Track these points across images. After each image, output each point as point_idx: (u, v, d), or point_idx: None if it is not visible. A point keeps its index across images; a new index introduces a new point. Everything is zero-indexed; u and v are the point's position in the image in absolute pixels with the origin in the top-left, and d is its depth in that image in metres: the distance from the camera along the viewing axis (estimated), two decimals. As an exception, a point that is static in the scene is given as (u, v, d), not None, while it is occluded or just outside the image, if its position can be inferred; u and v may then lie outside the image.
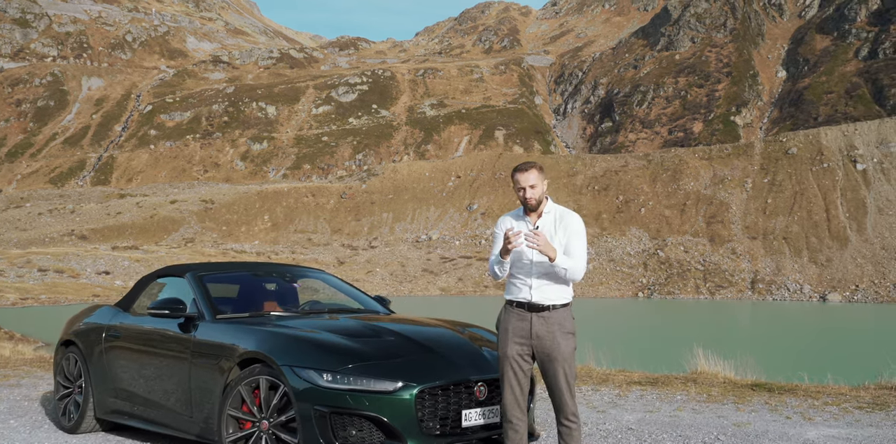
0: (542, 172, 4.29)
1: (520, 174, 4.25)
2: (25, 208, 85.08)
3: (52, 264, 56.05)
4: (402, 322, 5.36)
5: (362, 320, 5.31)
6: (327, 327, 5.00)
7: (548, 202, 4.33)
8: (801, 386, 7.53)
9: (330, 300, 6.25)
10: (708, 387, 7.61)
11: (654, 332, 30.55)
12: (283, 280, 6.19)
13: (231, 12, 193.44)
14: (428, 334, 5.02)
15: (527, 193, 4.25)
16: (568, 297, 4.28)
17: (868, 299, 52.49)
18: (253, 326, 4.99)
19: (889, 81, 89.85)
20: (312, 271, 6.70)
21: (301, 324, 5.03)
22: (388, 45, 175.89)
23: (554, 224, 4.28)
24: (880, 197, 61.25)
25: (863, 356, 19.57)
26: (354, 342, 4.64)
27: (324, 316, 5.52)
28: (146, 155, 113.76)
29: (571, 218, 4.30)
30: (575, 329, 4.26)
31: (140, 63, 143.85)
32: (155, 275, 6.22)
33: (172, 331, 5.36)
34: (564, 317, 4.23)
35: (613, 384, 8.03)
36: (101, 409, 5.99)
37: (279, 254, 69.07)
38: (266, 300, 5.92)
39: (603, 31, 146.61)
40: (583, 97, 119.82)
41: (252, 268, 6.63)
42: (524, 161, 4.42)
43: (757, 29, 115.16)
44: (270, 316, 5.40)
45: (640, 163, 74.63)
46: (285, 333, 4.76)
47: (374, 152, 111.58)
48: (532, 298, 4.21)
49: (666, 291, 58.00)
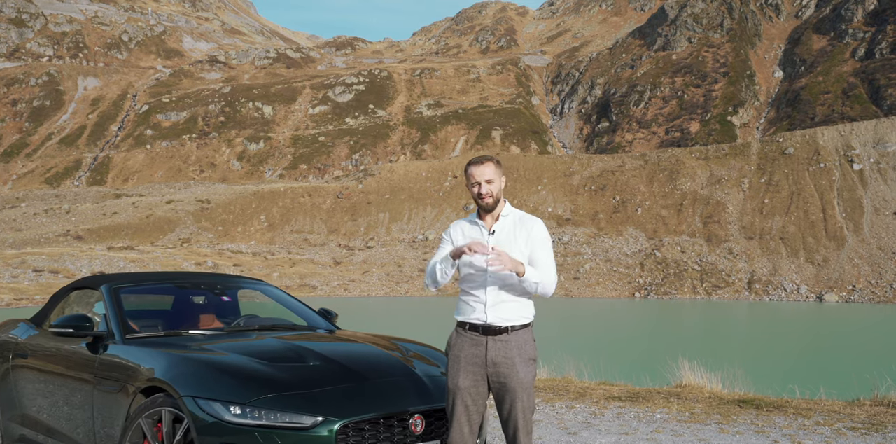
0: (500, 167, 3.79)
1: (474, 167, 3.74)
2: (21, 208, 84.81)
3: (47, 264, 55.85)
4: (335, 342, 4.79)
5: (291, 340, 4.65)
6: (246, 349, 4.35)
7: (506, 205, 3.81)
8: (792, 402, 7.00)
9: (270, 315, 5.62)
10: (691, 403, 7.05)
11: (643, 336, 30.08)
12: (213, 293, 5.55)
13: (227, 12, 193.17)
14: (361, 357, 4.41)
15: (482, 189, 3.71)
16: (529, 316, 3.72)
17: (865, 300, 52.47)
18: (163, 348, 4.37)
19: (886, 81, 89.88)
20: (252, 281, 6.00)
21: (218, 346, 4.42)
22: (385, 44, 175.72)
23: (513, 229, 3.73)
24: (877, 197, 61.24)
25: (858, 364, 18.77)
26: (272, 368, 4.00)
27: (250, 335, 4.85)
28: (142, 155, 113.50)
29: (534, 223, 3.75)
30: (536, 354, 3.73)
31: (136, 63, 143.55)
32: (71, 287, 5.61)
33: (80, 351, 4.74)
34: (525, 340, 3.68)
35: (591, 399, 7.48)
36: (8, 437, 5.44)
37: (275, 254, 68.90)
38: (192, 316, 5.33)
39: (600, 31, 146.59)
40: (580, 97, 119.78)
41: (180, 279, 5.91)
42: (479, 155, 3.72)
43: (754, 29, 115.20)
44: (188, 336, 4.77)
45: (637, 163, 74.57)
46: (194, 357, 4.13)
47: (371, 152, 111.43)
48: (487, 318, 3.65)
49: (662, 291, 57.93)
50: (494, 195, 3.72)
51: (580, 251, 64.85)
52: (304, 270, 64.38)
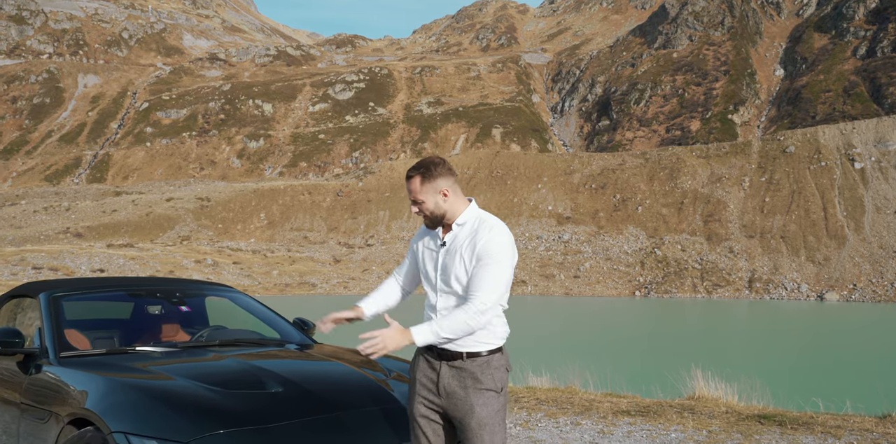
0: (433, 178, 3.07)
1: (407, 182, 3.17)
2: (20, 206, 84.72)
3: (46, 261, 55.76)
4: (305, 361, 4.16)
5: (253, 359, 3.97)
6: (197, 372, 3.69)
7: (467, 210, 3.12)
8: (818, 418, 6.27)
9: (243, 325, 5.00)
10: (707, 419, 6.39)
11: (647, 338, 29.54)
12: (170, 302, 4.87)
13: (228, 10, 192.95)
14: (333, 380, 3.72)
15: (413, 207, 3.15)
16: (492, 341, 3.03)
17: (865, 299, 52.36)
18: (101, 370, 3.68)
19: (887, 79, 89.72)
20: (219, 289, 5.31)
21: (166, 368, 3.77)
22: (386, 42, 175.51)
23: (464, 241, 3.06)
24: (878, 196, 61.11)
25: (880, 371, 17.73)
26: (224, 397, 3.33)
27: (206, 354, 4.12)
28: (142, 153, 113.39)
29: (486, 235, 3.01)
30: (503, 384, 3.06)
31: (136, 60, 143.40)
32: (8, 296, 4.99)
33: (12, 369, 4.12)
34: (483, 368, 3.00)
35: (598, 413, 6.80)
36: None
37: (275, 252, 68.80)
38: (150, 328, 4.74)
39: (600, 30, 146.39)
40: (580, 95, 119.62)
41: (133, 286, 5.20)
42: (415, 162, 3.24)
43: (755, 27, 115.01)
44: (135, 353, 4.09)
45: (638, 161, 74.44)
46: (133, 383, 3.46)
47: (371, 150, 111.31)
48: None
49: (663, 290, 57.82)
50: (430, 213, 3.10)
51: (580, 250, 64.74)
52: (304, 268, 64.29)
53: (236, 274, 60.17)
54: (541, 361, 10.33)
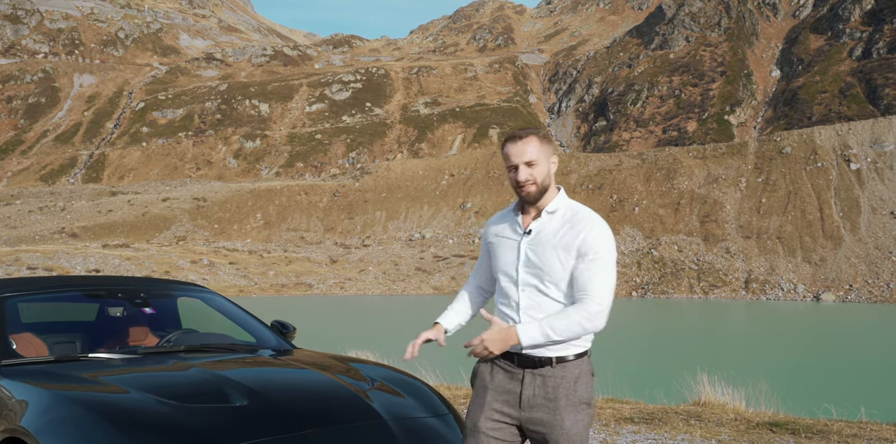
0: (548, 143, 2.71)
1: (511, 145, 2.68)
2: (15, 206, 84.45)
3: (41, 261, 55.58)
4: (278, 369, 3.73)
5: (218, 368, 3.51)
6: (154, 383, 3.26)
7: (559, 194, 2.73)
8: (832, 426, 5.91)
9: (219, 329, 4.58)
10: (716, 427, 6.05)
11: (647, 339, 29.33)
12: (132, 304, 4.43)
13: (225, 9, 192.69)
14: (307, 392, 3.31)
15: (520, 174, 2.66)
16: (582, 342, 2.70)
17: (862, 299, 52.42)
18: (45, 380, 3.26)
19: (883, 80, 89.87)
20: (189, 288, 4.83)
21: (119, 379, 3.32)
22: (383, 42, 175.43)
23: (559, 231, 2.66)
24: (874, 197, 61.19)
25: (892, 374, 17.42)
26: (181, 412, 2.89)
27: (169, 360, 3.67)
28: (138, 152, 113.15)
29: (590, 226, 2.65)
30: (593, 394, 2.71)
31: (132, 60, 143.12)
32: None
33: None
34: (577, 376, 2.64)
35: (599, 421, 6.45)
36: None
37: (271, 252, 68.68)
38: (114, 332, 4.33)
39: (597, 30, 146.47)
40: (577, 96, 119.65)
41: (92, 286, 4.68)
42: (521, 127, 2.84)
43: (751, 28, 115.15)
44: (87, 361, 3.64)
45: (635, 162, 74.47)
46: (77, 397, 2.99)
47: (368, 150, 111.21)
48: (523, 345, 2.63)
49: (660, 290, 57.84)
50: (539, 182, 2.66)
51: (577, 250, 64.75)
52: (301, 268, 64.17)
53: (232, 274, 60.03)
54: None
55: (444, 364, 8.01)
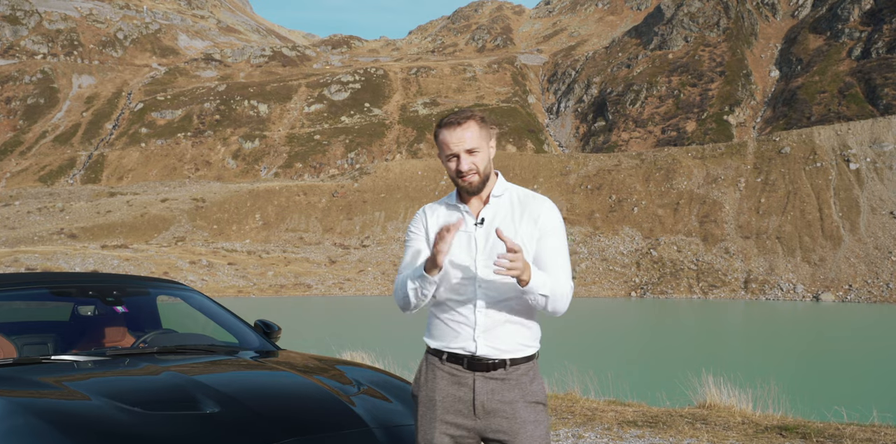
0: (487, 127, 2.54)
1: (448, 132, 2.46)
2: (14, 207, 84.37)
3: (39, 262, 55.50)
4: (256, 372, 3.45)
5: (194, 370, 3.29)
6: (120, 387, 3.02)
7: (499, 180, 2.55)
8: (845, 430, 5.68)
9: (202, 330, 4.31)
10: (723, 431, 5.79)
11: (647, 340, 28.95)
12: (105, 302, 4.14)
13: (223, 10, 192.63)
14: (285, 398, 3.03)
15: (461, 163, 2.44)
16: (535, 343, 2.53)
17: (861, 299, 52.38)
18: (1, 385, 2.97)
19: (882, 80, 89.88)
20: (168, 286, 4.52)
21: (81, 385, 3.02)
22: (381, 43, 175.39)
23: (511, 215, 2.48)
24: (873, 196, 61.16)
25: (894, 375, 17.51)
26: (145, 421, 2.63)
27: (140, 363, 3.36)
28: (137, 153, 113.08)
29: (540, 206, 2.50)
30: (545, 397, 2.55)
31: (131, 61, 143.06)
32: None
33: None
34: (531, 377, 2.49)
35: (602, 425, 6.14)
36: None
37: (270, 253, 68.62)
38: (86, 333, 4.03)
39: (596, 30, 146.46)
40: (576, 96, 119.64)
41: (60, 283, 4.35)
42: (453, 112, 2.58)
43: (750, 28, 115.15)
44: (50, 364, 3.37)
45: (633, 162, 74.43)
46: (34, 404, 2.74)
47: (367, 151, 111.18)
48: (477, 348, 2.43)
49: (659, 290, 57.80)
50: (481, 171, 2.46)
51: (576, 250, 64.68)
52: (299, 268, 64.11)
53: (231, 275, 59.97)
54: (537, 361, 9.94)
55: None
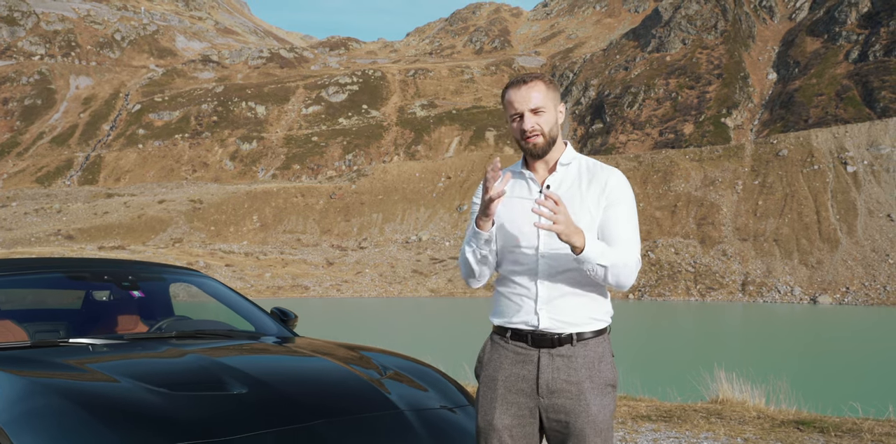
0: (555, 89, 2.40)
1: (514, 91, 2.36)
2: (11, 208, 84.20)
3: (36, 264, 55.38)
4: (281, 357, 3.39)
5: (215, 354, 3.20)
6: (145, 369, 2.95)
7: (567, 148, 2.44)
8: (862, 424, 5.60)
9: (213, 317, 4.21)
10: (739, 425, 5.73)
11: (651, 343, 29.00)
12: (120, 287, 4.03)
13: (221, 12, 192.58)
14: (313, 380, 3.00)
15: (525, 123, 2.34)
16: (605, 317, 2.42)
17: (858, 302, 52.43)
18: (19, 367, 2.87)
19: (879, 83, 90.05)
20: (183, 272, 4.43)
21: (106, 366, 2.94)
22: (379, 45, 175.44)
23: (578, 183, 2.38)
24: (871, 199, 61.26)
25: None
26: (174, 402, 2.55)
27: (161, 346, 3.32)
28: (134, 154, 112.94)
29: (609, 174, 2.39)
30: (617, 378, 2.42)
31: (129, 62, 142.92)
32: None
33: None
34: (599, 356, 2.37)
35: (615, 418, 5.96)
36: None
37: (268, 254, 68.53)
38: (99, 318, 3.96)
39: (594, 33, 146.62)
40: (573, 98, 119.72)
41: (74, 268, 4.29)
42: (524, 73, 2.48)
43: (748, 31, 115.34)
44: (69, 346, 3.28)
45: (631, 164, 74.48)
46: (58, 385, 2.64)
47: (364, 153, 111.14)
48: (539, 321, 2.33)
49: (656, 292, 57.81)
50: (546, 133, 2.35)
51: (574, 253, 64.74)
52: (297, 270, 64.04)
53: (228, 276, 59.90)
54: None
55: (448, 360, 7.89)
